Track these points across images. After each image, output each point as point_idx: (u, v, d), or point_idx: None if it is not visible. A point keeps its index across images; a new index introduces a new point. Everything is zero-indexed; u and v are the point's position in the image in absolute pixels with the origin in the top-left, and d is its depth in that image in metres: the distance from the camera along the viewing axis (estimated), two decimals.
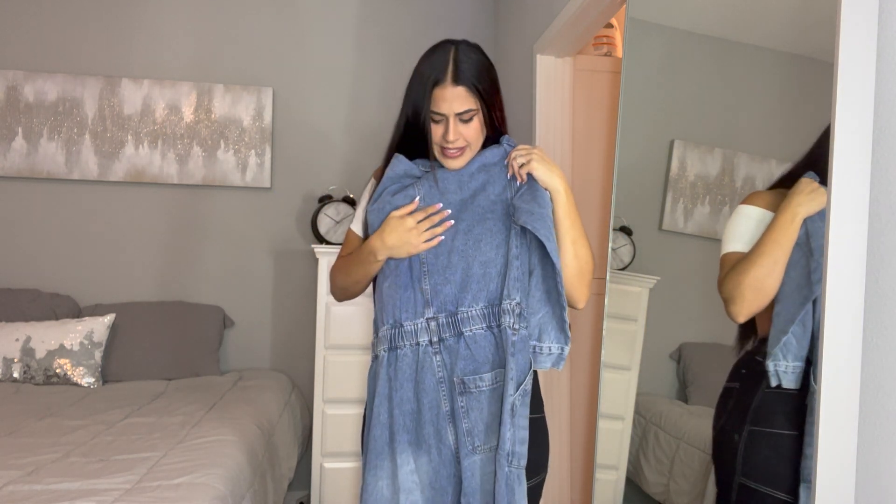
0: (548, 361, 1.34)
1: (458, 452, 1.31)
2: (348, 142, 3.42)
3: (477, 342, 1.31)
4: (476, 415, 1.30)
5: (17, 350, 2.78)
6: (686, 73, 1.84)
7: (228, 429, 2.18)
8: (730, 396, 1.42)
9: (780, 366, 1.20)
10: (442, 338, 1.33)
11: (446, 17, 3.50)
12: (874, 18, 1.04)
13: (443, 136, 1.36)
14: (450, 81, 1.33)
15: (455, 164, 1.40)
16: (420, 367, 1.33)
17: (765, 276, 1.23)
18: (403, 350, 1.35)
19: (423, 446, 1.33)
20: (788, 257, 1.21)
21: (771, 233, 1.25)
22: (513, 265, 1.31)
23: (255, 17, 3.38)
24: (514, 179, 1.37)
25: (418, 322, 1.34)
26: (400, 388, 1.34)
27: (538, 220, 1.28)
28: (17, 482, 1.65)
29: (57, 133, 3.20)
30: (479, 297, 1.32)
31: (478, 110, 1.37)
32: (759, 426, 1.31)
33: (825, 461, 1.05)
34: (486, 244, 1.33)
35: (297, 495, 3.21)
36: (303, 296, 3.33)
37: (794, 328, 1.18)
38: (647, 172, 1.87)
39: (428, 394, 1.32)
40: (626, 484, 1.95)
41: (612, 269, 1.97)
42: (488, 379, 1.30)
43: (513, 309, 1.29)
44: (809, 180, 1.21)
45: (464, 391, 1.30)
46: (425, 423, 1.32)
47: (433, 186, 1.38)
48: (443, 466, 1.32)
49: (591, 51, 2.78)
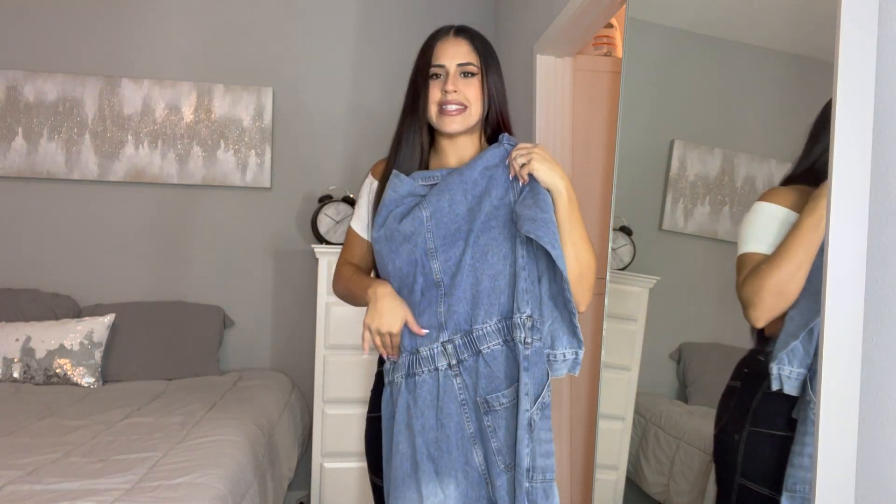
0: (563, 368, 1.31)
1: (489, 473, 1.28)
2: (348, 142, 3.42)
3: (496, 359, 1.28)
4: (503, 433, 1.27)
5: (17, 350, 2.78)
6: (686, 73, 1.84)
7: (228, 429, 2.18)
8: (732, 396, 1.41)
9: (784, 370, 1.17)
10: (461, 359, 1.30)
11: (446, 17, 3.49)
12: (874, 18, 1.04)
13: (441, 89, 1.35)
14: (452, 34, 1.40)
15: (454, 125, 1.36)
16: (442, 393, 1.30)
17: (788, 281, 1.18)
18: (422, 377, 1.31)
19: (450, 472, 1.28)
20: (812, 261, 1.15)
21: (796, 235, 1.18)
22: (521, 276, 1.28)
23: (255, 17, 3.37)
24: (515, 180, 1.32)
25: (434, 347, 1.30)
26: (421, 416, 1.30)
27: (541, 227, 1.24)
28: (17, 482, 1.65)
29: (57, 133, 3.19)
30: (491, 313, 1.29)
31: (479, 72, 1.37)
32: (759, 427, 1.29)
33: (825, 461, 1.05)
34: (493, 255, 1.30)
35: (297, 495, 3.21)
36: (303, 296, 3.33)
37: (803, 335, 1.15)
38: (647, 172, 1.87)
39: (452, 418, 1.29)
40: (626, 484, 1.95)
41: (612, 269, 1.97)
42: (509, 395, 1.27)
43: (524, 322, 1.26)
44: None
45: (489, 410, 1.27)
46: (452, 447, 1.29)
47: (441, 200, 1.33)
48: (471, 489, 1.29)
49: (591, 51, 2.78)
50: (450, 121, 1.37)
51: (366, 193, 1.49)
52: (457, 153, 1.43)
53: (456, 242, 1.32)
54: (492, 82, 1.39)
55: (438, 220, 1.32)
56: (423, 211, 1.33)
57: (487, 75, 1.38)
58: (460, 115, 1.37)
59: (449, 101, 1.35)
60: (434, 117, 1.39)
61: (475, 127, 1.41)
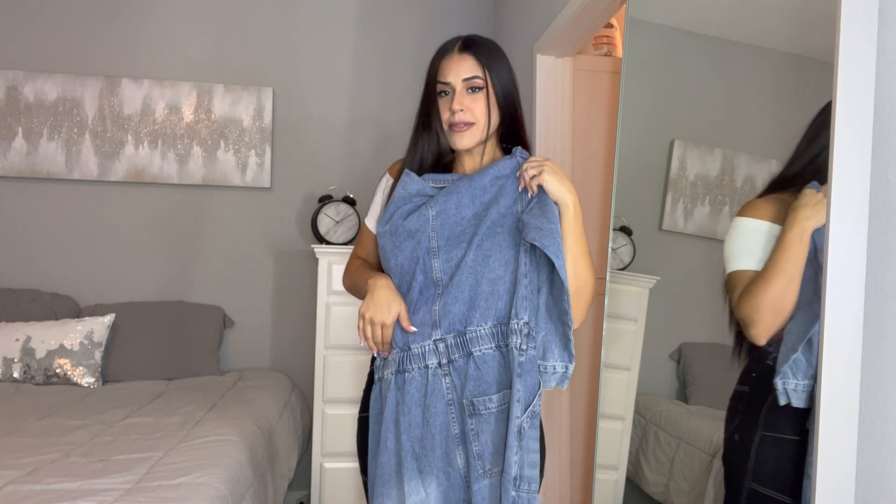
0: (552, 380, 1.32)
1: (468, 477, 1.29)
2: (348, 142, 3.42)
3: (486, 362, 1.29)
4: (486, 437, 1.27)
5: (17, 350, 2.78)
6: (686, 73, 1.84)
7: (228, 429, 2.18)
8: (740, 400, 1.40)
9: (790, 384, 1.17)
10: (451, 359, 1.30)
11: (446, 17, 3.50)
12: (874, 18, 1.04)
13: (449, 108, 1.38)
14: (456, 50, 1.40)
15: (463, 141, 1.39)
16: (430, 391, 1.30)
17: (781, 296, 1.19)
18: (412, 374, 1.31)
19: (432, 472, 1.29)
20: (802, 274, 1.16)
21: (782, 250, 1.19)
22: (521, 283, 1.28)
23: (255, 16, 3.37)
24: (525, 192, 1.34)
25: (426, 344, 1.31)
26: (408, 413, 1.30)
27: (547, 237, 1.25)
28: (17, 482, 1.65)
29: (57, 133, 3.20)
30: (487, 316, 1.29)
31: (485, 86, 1.38)
32: (770, 432, 1.28)
33: (825, 461, 1.05)
34: (495, 260, 1.30)
35: (297, 495, 3.21)
36: (303, 296, 3.33)
37: (803, 346, 1.14)
38: (647, 172, 1.87)
39: (438, 416, 1.29)
40: (626, 484, 1.95)
41: (612, 269, 1.97)
42: (497, 400, 1.28)
43: (521, 329, 1.26)
44: (813, 192, 1.17)
45: (474, 413, 1.28)
46: (436, 446, 1.29)
47: (448, 201, 1.35)
48: (452, 491, 1.30)
49: (591, 51, 2.78)
50: (459, 137, 1.39)
51: (381, 190, 1.53)
52: (473, 161, 1.46)
53: (459, 244, 1.34)
54: (498, 91, 1.40)
55: (444, 220, 1.34)
56: (430, 210, 1.36)
57: (493, 85, 1.39)
58: (469, 130, 1.39)
59: (456, 121, 1.38)
60: (446, 134, 1.41)
61: (486, 139, 1.43)
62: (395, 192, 1.42)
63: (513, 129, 1.45)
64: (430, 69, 1.43)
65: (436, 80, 1.40)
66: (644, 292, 1.91)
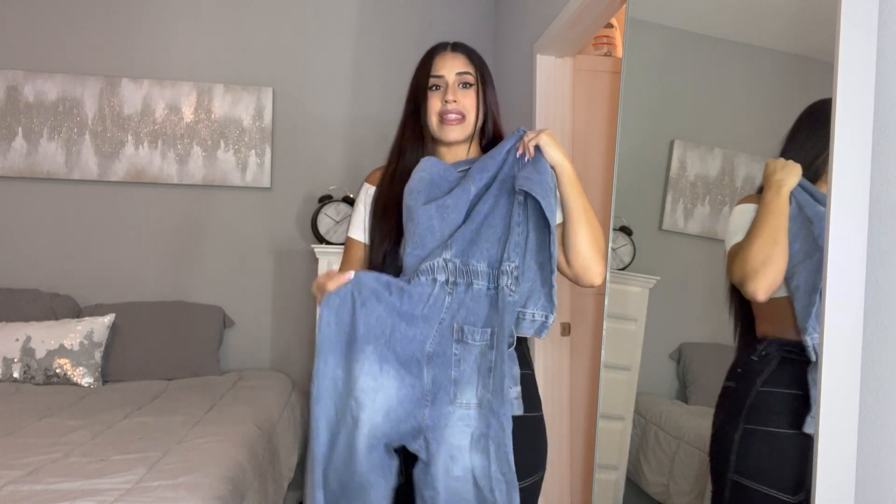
0: (531, 328, 1.34)
1: (432, 397, 1.29)
2: (348, 142, 3.42)
3: (480, 299, 1.32)
4: (465, 366, 1.29)
5: (17, 350, 2.78)
6: (686, 73, 1.84)
7: (228, 429, 2.18)
8: (727, 395, 1.43)
9: (816, 338, 1.18)
10: (456, 281, 1.33)
11: (446, 17, 3.50)
12: (874, 18, 1.04)
13: (441, 100, 1.41)
14: (449, 49, 1.47)
15: (453, 134, 1.42)
16: (432, 301, 1.32)
17: (771, 245, 1.24)
18: (422, 279, 1.33)
19: (398, 367, 1.30)
20: (787, 228, 1.22)
21: (761, 208, 1.28)
22: (514, 231, 1.33)
23: (255, 17, 3.38)
24: (523, 156, 1.38)
25: (437, 261, 1.33)
26: (408, 300, 1.31)
27: (536, 185, 1.30)
28: (17, 482, 1.65)
29: (57, 133, 3.20)
30: (483, 257, 1.33)
31: (476, 83, 1.44)
32: (752, 424, 1.32)
33: (825, 461, 1.05)
34: (496, 216, 1.36)
35: (297, 495, 3.21)
36: (303, 296, 3.33)
37: (817, 297, 1.16)
38: (647, 172, 1.87)
39: (428, 324, 1.31)
40: (626, 484, 1.95)
41: (612, 269, 1.97)
42: (479, 335, 1.31)
43: (511, 271, 1.30)
44: (775, 159, 1.26)
45: (461, 339, 1.31)
46: (414, 349, 1.30)
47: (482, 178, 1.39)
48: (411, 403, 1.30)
49: (591, 51, 2.78)
50: (450, 130, 1.43)
51: (363, 200, 1.54)
52: (455, 160, 1.48)
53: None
54: (488, 93, 1.47)
55: (474, 175, 1.38)
56: (472, 186, 1.37)
57: (484, 86, 1.46)
58: (459, 124, 1.43)
59: (449, 111, 1.42)
60: (435, 127, 1.44)
61: (472, 136, 1.47)
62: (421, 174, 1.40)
63: (492, 134, 1.49)
64: (420, 67, 1.48)
65: (428, 74, 1.44)
66: (644, 292, 1.91)
